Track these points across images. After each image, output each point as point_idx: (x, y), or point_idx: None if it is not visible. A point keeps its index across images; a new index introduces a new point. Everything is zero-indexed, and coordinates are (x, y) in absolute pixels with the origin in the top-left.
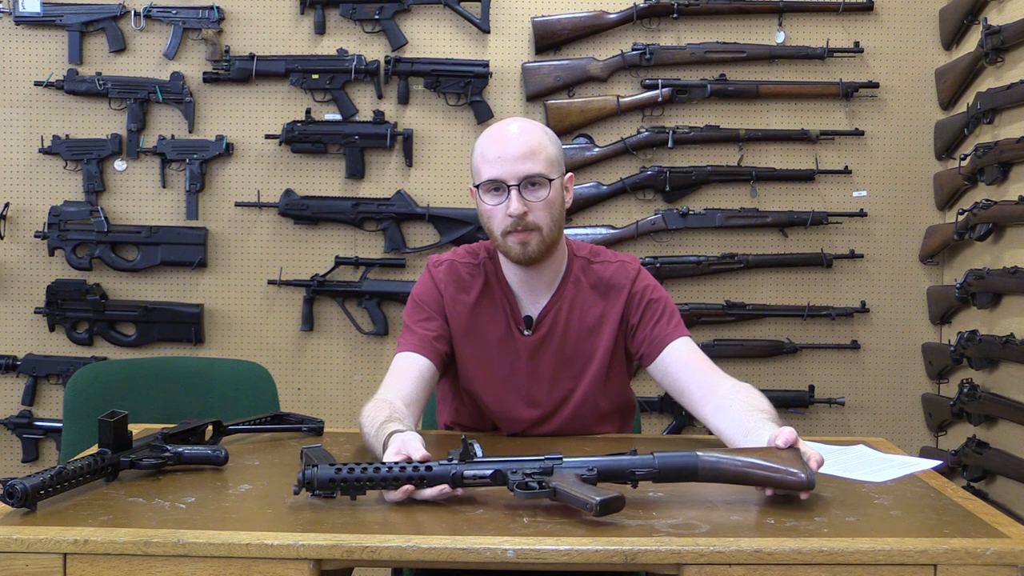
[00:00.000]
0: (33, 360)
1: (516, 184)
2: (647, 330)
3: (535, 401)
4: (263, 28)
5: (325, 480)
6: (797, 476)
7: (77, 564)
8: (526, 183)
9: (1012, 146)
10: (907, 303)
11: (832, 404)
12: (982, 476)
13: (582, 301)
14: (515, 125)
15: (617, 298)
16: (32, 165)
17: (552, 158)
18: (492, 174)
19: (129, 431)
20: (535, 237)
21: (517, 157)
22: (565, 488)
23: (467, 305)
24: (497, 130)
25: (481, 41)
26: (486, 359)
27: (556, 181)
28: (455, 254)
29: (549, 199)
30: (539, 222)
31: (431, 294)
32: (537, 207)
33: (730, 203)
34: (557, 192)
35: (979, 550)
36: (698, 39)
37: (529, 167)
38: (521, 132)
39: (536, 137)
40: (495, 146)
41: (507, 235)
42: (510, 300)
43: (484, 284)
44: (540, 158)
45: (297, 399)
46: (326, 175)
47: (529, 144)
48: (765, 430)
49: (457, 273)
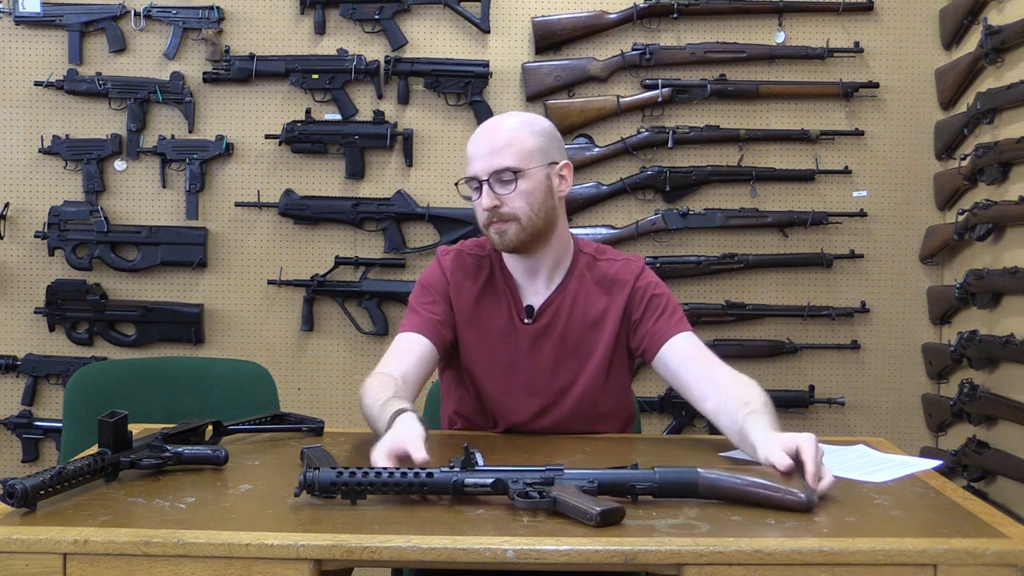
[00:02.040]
0: (33, 360)
1: (486, 179)
2: (648, 325)
3: (536, 390)
4: (263, 28)
5: (326, 483)
6: (797, 496)
7: (77, 564)
8: (496, 177)
9: (1012, 146)
10: (907, 303)
11: (832, 404)
12: (982, 476)
13: (585, 295)
14: (492, 122)
15: (620, 294)
16: (32, 165)
17: (528, 150)
18: (469, 171)
19: (129, 431)
20: (512, 227)
21: (488, 153)
22: (565, 498)
23: (472, 293)
24: (480, 128)
25: (481, 41)
26: (488, 347)
27: (533, 171)
28: (463, 244)
29: (523, 190)
30: (515, 212)
31: (438, 280)
32: (509, 199)
33: (730, 203)
34: (536, 182)
35: (979, 550)
36: (698, 39)
37: (498, 161)
38: (495, 128)
39: (511, 131)
40: (473, 143)
41: (487, 227)
42: (512, 290)
43: (489, 274)
44: (510, 152)
45: (297, 399)
46: (326, 175)
47: (503, 138)
48: (758, 432)
49: (464, 262)
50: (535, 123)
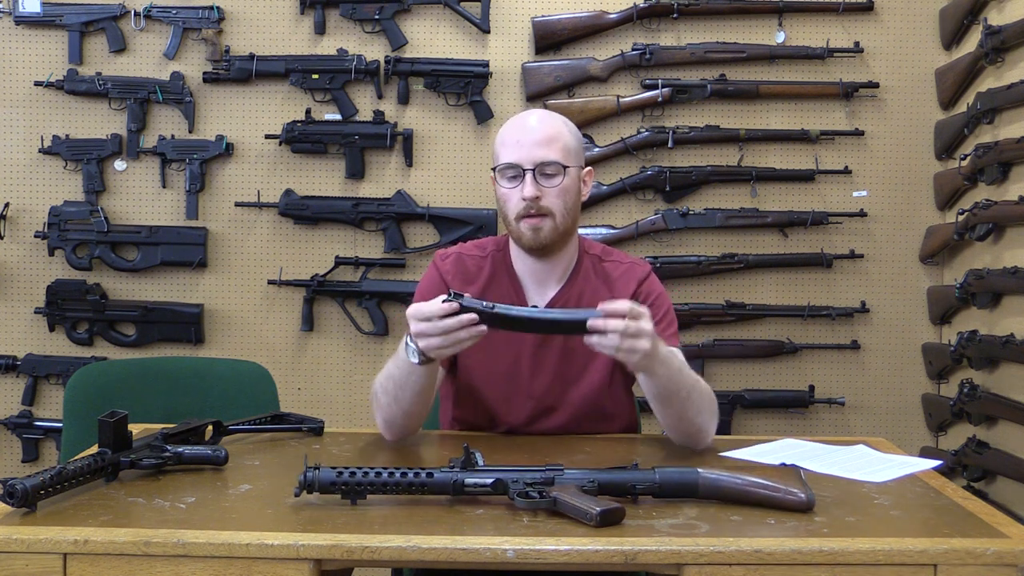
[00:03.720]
0: (33, 360)
1: (532, 168)
2: None
3: (537, 395)
4: (263, 28)
5: (326, 483)
6: (797, 496)
7: (77, 564)
8: (541, 168)
9: (1012, 146)
10: (907, 303)
11: (832, 404)
12: (982, 476)
13: (590, 297)
14: (536, 114)
15: (623, 294)
16: (32, 165)
17: (569, 148)
18: (509, 158)
19: (129, 431)
20: (548, 223)
21: (534, 143)
22: (565, 498)
23: (473, 295)
24: (518, 118)
25: (481, 41)
26: (490, 351)
27: (572, 170)
28: (462, 247)
29: (563, 186)
30: (552, 208)
31: (437, 288)
32: (551, 193)
33: (730, 203)
34: (573, 181)
35: (979, 550)
36: (698, 39)
37: (545, 153)
38: (540, 120)
39: (555, 126)
40: (514, 131)
41: (520, 219)
42: (517, 291)
43: (491, 275)
44: (557, 146)
45: (297, 399)
46: (326, 175)
47: (547, 132)
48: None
49: (464, 265)
50: (570, 124)
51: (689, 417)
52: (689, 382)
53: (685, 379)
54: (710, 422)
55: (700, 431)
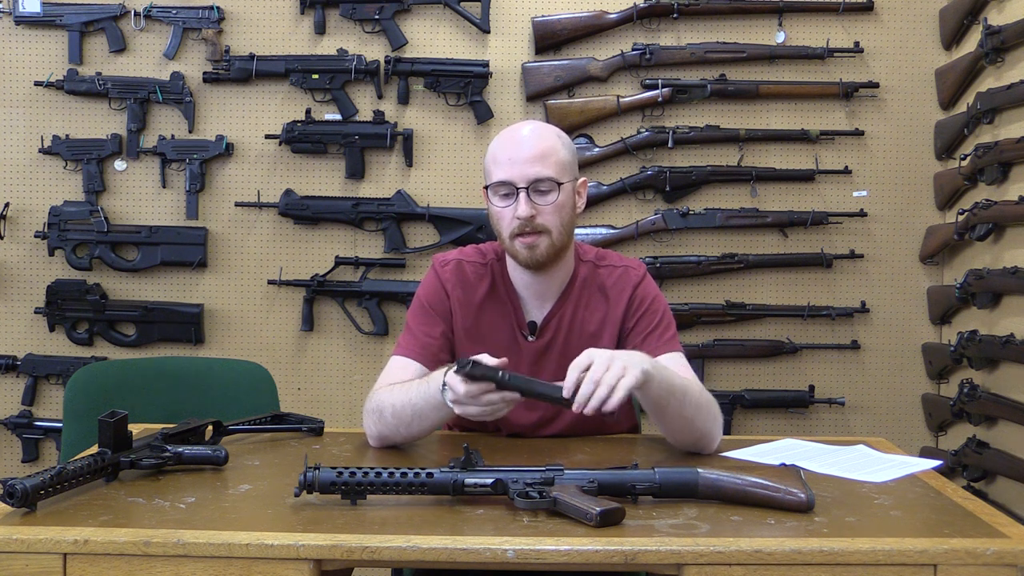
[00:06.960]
0: (33, 360)
1: (525, 187)
2: (637, 340)
3: (538, 405)
4: (263, 28)
5: (326, 483)
6: (797, 496)
7: (77, 564)
8: (535, 186)
9: (1012, 146)
10: (907, 303)
11: (832, 404)
12: (982, 476)
13: (585, 305)
14: (528, 128)
15: (618, 303)
16: (32, 165)
17: (563, 162)
18: (502, 176)
19: (129, 431)
20: (544, 240)
21: (527, 159)
22: (565, 498)
23: (472, 306)
24: (510, 132)
25: (481, 41)
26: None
27: (567, 185)
28: (462, 253)
29: (558, 203)
30: (548, 225)
31: (437, 296)
32: (546, 210)
33: (730, 203)
34: (567, 196)
35: (979, 550)
36: (698, 39)
37: (539, 170)
38: (533, 135)
39: (548, 141)
40: (506, 148)
41: (515, 238)
42: (515, 304)
43: (490, 286)
44: (550, 161)
45: (297, 399)
46: (326, 175)
47: (540, 147)
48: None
49: (464, 273)
50: (563, 136)
51: (687, 420)
52: (682, 386)
53: (676, 385)
54: (712, 426)
55: (703, 436)
